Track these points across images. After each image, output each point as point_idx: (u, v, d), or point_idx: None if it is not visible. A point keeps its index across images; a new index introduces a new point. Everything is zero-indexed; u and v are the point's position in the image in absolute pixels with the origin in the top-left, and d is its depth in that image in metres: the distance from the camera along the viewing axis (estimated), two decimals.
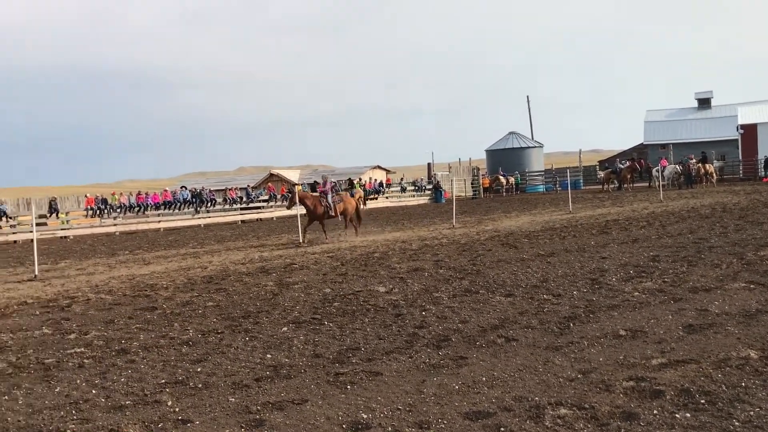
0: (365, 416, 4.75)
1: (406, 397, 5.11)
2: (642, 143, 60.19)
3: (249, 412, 4.95)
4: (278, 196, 40.45)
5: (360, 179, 45.58)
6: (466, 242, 16.11)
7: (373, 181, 46.78)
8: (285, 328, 7.73)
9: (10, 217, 32.13)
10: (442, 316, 7.92)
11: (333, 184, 21.74)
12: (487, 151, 57.82)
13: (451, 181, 37.55)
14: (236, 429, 4.63)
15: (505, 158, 54.10)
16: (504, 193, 48.91)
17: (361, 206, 22.05)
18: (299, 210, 20.75)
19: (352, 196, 40.86)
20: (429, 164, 55.57)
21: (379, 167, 54.78)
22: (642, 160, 45.02)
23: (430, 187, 48.22)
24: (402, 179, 50.97)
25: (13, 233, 30.89)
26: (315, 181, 45.21)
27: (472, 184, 52.05)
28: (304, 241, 19.07)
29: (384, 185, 47.12)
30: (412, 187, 48.49)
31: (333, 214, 19.94)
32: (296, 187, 30.14)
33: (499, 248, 14.34)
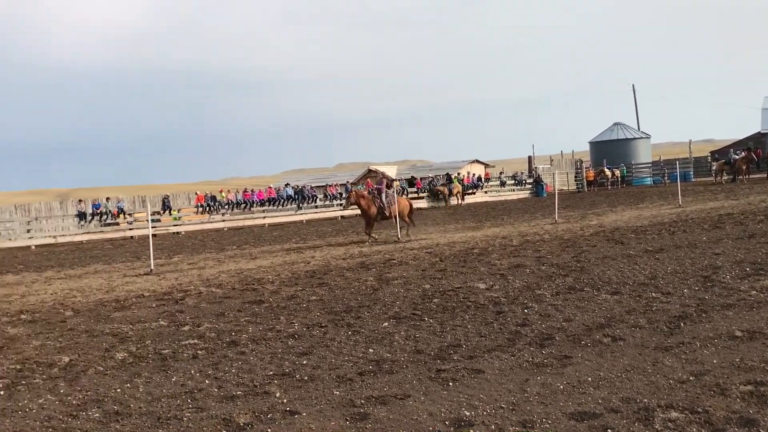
0: (468, 413, 4.76)
1: (509, 396, 5.07)
2: (759, 132, 56.61)
3: (353, 405, 5.07)
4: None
5: (458, 174, 45.34)
6: (570, 238, 15.73)
7: (471, 175, 46.44)
8: (386, 324, 7.83)
9: (128, 214, 34.12)
10: (545, 314, 7.79)
11: (388, 182, 21.42)
12: (590, 143, 56.12)
13: (553, 174, 36.71)
14: (341, 422, 4.75)
15: (610, 150, 52.30)
16: (609, 187, 47.33)
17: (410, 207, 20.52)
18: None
19: (450, 191, 40.92)
20: (530, 157, 54.55)
21: (478, 161, 54.23)
22: (759, 150, 42.38)
23: (531, 180, 47.33)
24: (501, 173, 50.33)
25: (130, 229, 32.81)
26: (412, 177, 45.37)
27: (575, 177, 50.70)
28: (369, 241, 18.85)
29: (483, 180, 46.68)
30: (512, 181, 47.76)
31: (387, 214, 19.39)
32: (353, 186, 28.88)
33: (604, 244, 13.92)
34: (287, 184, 41.74)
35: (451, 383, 5.46)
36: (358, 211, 20.79)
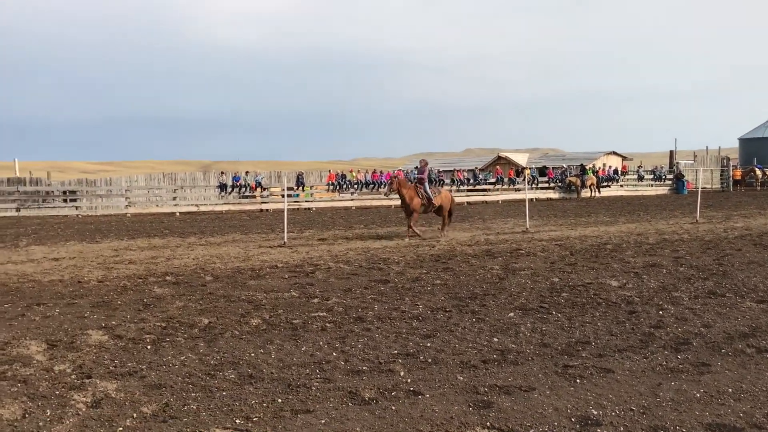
0: (595, 412, 4.62)
1: (640, 399, 4.87)
2: None
3: (477, 392, 5.06)
4: (505, 180, 40.32)
5: (593, 165, 43.78)
6: (711, 239, 14.81)
7: (606, 167, 44.68)
8: (511, 314, 7.74)
9: (264, 188, 35.69)
10: (681, 317, 7.40)
11: (431, 171, 19.67)
12: (740, 139, 52.36)
13: (696, 171, 34.60)
14: (464, 407, 4.76)
15: (762, 148, 48.57)
16: (758, 188, 44.02)
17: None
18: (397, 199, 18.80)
19: (583, 183, 39.60)
20: (671, 152, 51.67)
21: (615, 153, 52.04)
22: None
23: (672, 176, 44.86)
24: (639, 167, 47.97)
25: (266, 202, 34.33)
26: (544, 166, 44.28)
27: (720, 175, 47.54)
28: (408, 237, 17.02)
29: (619, 173, 44.77)
30: (651, 176, 45.45)
31: (432, 207, 17.56)
32: (399, 173, 24.80)
33: (750, 248, 13.00)
34: (415, 167, 42.02)
35: (578, 380, 5.32)
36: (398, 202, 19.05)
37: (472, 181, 40.15)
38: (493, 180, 40.72)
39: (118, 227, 23.67)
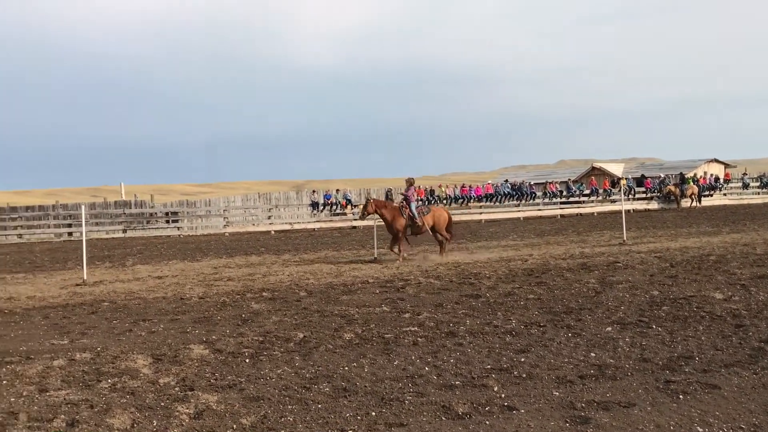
0: (701, 430, 4.41)
1: (750, 417, 4.62)
2: None
3: (573, 408, 4.93)
4: (600, 191, 39.22)
5: (693, 174, 41.94)
6: None
7: (708, 176, 42.72)
8: (609, 328, 7.50)
9: (354, 205, 36.22)
10: None
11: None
12: None
13: None
14: (561, 423, 4.65)
15: None
16: None
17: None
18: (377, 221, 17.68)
19: (683, 192, 37.98)
20: None
21: (716, 160, 49.74)
22: None
23: None
24: (744, 174, 45.61)
25: (355, 219, 34.81)
26: (642, 175, 42.80)
27: None
28: (400, 258, 16.00)
29: (721, 181, 42.70)
30: (757, 183, 43.08)
31: (420, 226, 16.41)
32: (375, 195, 20.77)
33: None
34: (506, 181, 41.54)
35: (681, 396, 5.10)
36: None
37: (565, 193, 39.28)
38: (587, 191, 39.70)
39: (217, 246, 24.59)
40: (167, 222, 34.81)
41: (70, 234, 33.91)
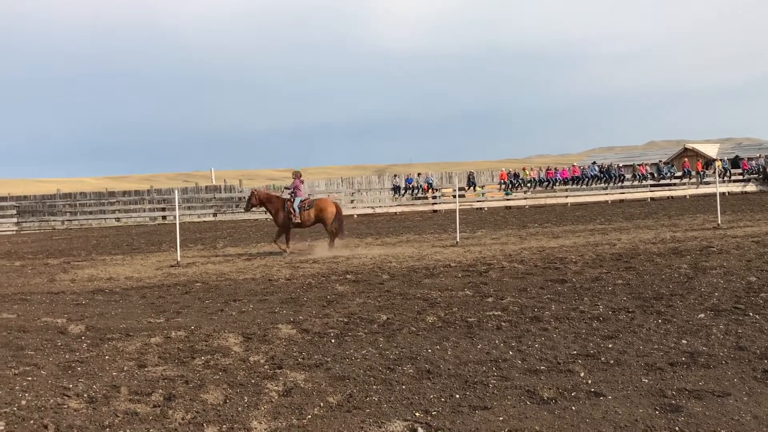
0: None
1: None
2: None
3: (664, 395, 4.80)
4: (692, 173, 37.60)
5: None
6: None
7: None
8: (702, 315, 7.23)
9: (436, 189, 36.18)
10: None
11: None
12: None
13: None
14: (650, 410, 4.54)
15: None
16: None
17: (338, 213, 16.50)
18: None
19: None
20: None
21: None
22: None
23: None
24: None
25: (438, 203, 34.77)
26: (737, 156, 40.72)
27: None
28: (287, 250, 15.71)
29: None
30: None
31: (297, 221, 16.03)
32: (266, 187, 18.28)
33: None
34: (593, 163, 40.41)
35: None
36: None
37: (655, 175, 37.87)
38: (679, 173, 38.14)
39: (302, 229, 25.11)
40: None
41: (164, 218, 35.45)
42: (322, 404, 4.97)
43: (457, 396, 5.02)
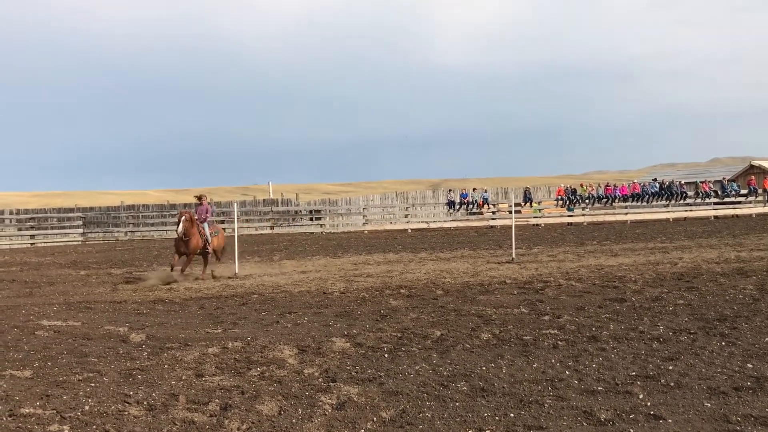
0: None
1: None
2: None
3: (728, 421, 4.64)
4: (759, 191, 36.28)
5: None
6: None
7: None
8: None
9: (492, 204, 35.89)
10: None
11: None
12: None
13: None
14: None
15: None
16: None
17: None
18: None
19: None
20: None
21: None
22: None
23: None
24: None
25: (493, 219, 34.48)
26: (654, 179, 39.07)
27: None
28: (178, 276, 14.33)
29: None
30: None
31: (208, 249, 15.12)
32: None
33: None
34: (654, 179, 39.44)
35: None
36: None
37: (719, 192, 36.71)
38: (744, 191, 36.86)
39: (356, 243, 25.26)
40: (311, 219, 36.21)
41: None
42: (375, 419, 4.98)
43: (512, 415, 4.96)
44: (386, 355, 6.88)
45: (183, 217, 14.42)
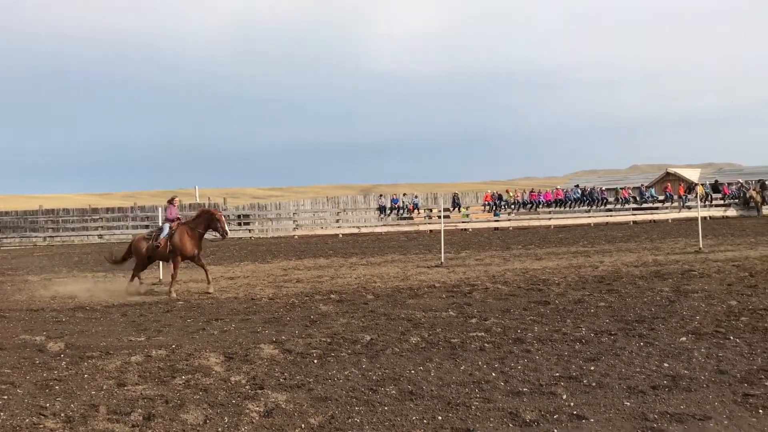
0: None
1: None
2: None
3: (645, 419, 4.81)
4: (675, 197, 37.97)
5: None
6: None
7: None
8: (683, 338, 7.27)
9: (424, 209, 36.22)
10: None
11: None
12: None
13: None
14: None
15: None
16: None
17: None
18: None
19: (764, 199, 36.26)
20: None
21: None
22: None
23: None
24: None
25: (427, 223, 34.83)
26: (716, 181, 41.22)
27: None
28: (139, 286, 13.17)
29: None
30: None
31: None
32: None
33: None
34: (576, 186, 40.72)
35: (761, 410, 4.90)
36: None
37: (638, 198, 38.20)
38: (661, 197, 38.49)
39: (286, 248, 25.03)
40: (239, 224, 35.64)
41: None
42: (303, 425, 4.93)
43: (440, 417, 5.00)
44: (315, 361, 6.83)
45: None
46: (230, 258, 21.22)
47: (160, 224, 13.95)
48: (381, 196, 38.57)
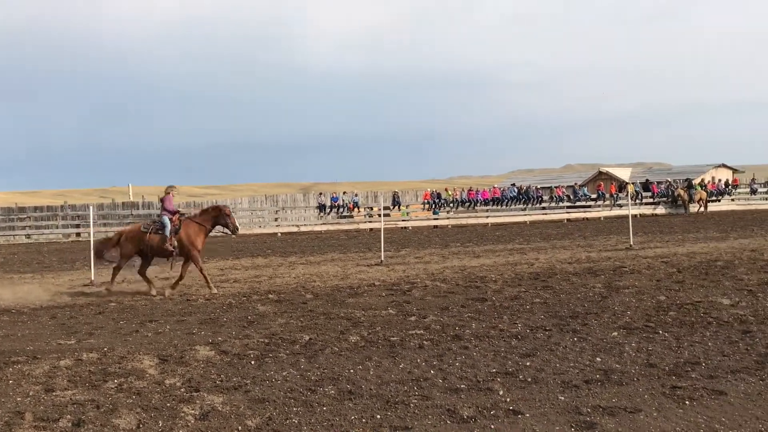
0: None
1: (757, 423, 4.60)
2: None
3: (579, 413, 4.93)
4: (607, 195, 39.11)
5: (702, 179, 41.75)
6: None
7: (716, 181, 42.52)
8: (615, 333, 7.49)
9: (366, 207, 36.22)
10: None
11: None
12: None
13: None
14: (566, 428, 4.64)
15: None
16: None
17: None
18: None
19: (691, 197, 37.76)
20: None
21: (725, 166, 49.42)
22: None
23: None
24: (753, 180, 45.37)
25: (368, 222, 34.85)
26: (647, 180, 42.65)
27: None
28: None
29: (730, 186, 42.51)
30: (765, 189, 42.88)
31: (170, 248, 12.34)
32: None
33: None
34: (512, 184, 41.47)
35: (687, 402, 5.08)
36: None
37: (571, 197, 39.19)
38: (594, 196, 39.59)
39: (223, 247, 24.60)
40: None
41: (78, 234, 34.05)
42: (240, 428, 4.85)
43: (379, 416, 5.00)
44: (253, 362, 6.73)
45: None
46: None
47: (158, 216, 12.96)
48: (321, 194, 38.39)
